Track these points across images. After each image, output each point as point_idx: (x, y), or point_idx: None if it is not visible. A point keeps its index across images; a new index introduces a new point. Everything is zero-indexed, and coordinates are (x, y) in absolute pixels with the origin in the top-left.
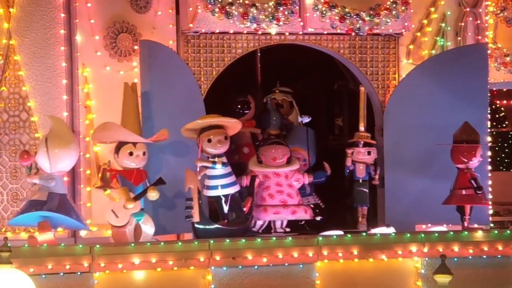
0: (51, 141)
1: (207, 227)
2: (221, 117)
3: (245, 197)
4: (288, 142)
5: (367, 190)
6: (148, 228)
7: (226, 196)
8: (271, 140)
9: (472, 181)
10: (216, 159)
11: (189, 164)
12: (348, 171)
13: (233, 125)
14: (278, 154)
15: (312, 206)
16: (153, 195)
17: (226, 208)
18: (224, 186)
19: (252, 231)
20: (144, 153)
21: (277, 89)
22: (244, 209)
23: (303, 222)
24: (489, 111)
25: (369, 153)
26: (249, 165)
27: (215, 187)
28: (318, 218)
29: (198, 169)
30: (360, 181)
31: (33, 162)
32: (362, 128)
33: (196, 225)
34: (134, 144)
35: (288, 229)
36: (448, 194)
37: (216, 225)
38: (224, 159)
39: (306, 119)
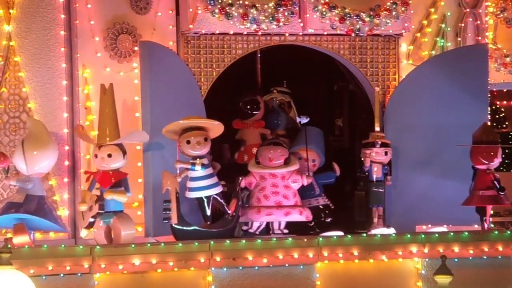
0: (28, 143)
1: (185, 228)
2: (202, 118)
3: (246, 197)
4: (297, 143)
5: (383, 190)
6: (126, 229)
7: (208, 197)
8: (269, 140)
9: (495, 182)
10: (197, 161)
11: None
12: (364, 171)
13: (215, 127)
14: (275, 155)
15: (321, 207)
16: (108, 197)
17: (208, 210)
18: (205, 188)
19: (249, 232)
20: (109, 155)
21: (275, 89)
22: (229, 211)
23: (312, 224)
24: (489, 112)
25: (386, 153)
26: (248, 166)
27: (196, 189)
28: (328, 220)
29: (178, 171)
30: (376, 181)
31: (10, 164)
32: (377, 128)
33: (175, 227)
34: (99, 146)
35: (286, 231)
36: (468, 195)
37: (194, 227)
38: (205, 161)
39: (304, 120)
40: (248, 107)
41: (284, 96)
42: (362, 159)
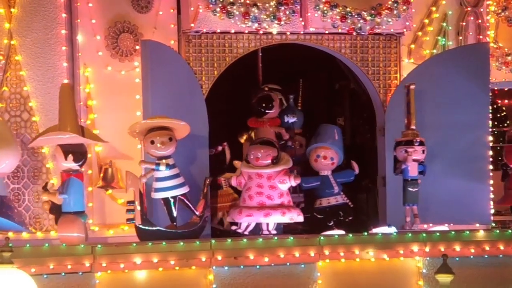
0: None
1: (148, 228)
2: (166, 118)
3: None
4: (316, 141)
5: (418, 189)
6: (63, 231)
7: (174, 198)
8: (258, 139)
9: None
10: (162, 161)
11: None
12: (400, 170)
13: (181, 127)
14: (261, 154)
15: (349, 202)
16: (43, 198)
17: (175, 211)
18: (170, 188)
19: (237, 232)
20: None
21: (266, 86)
22: (197, 212)
23: (331, 223)
24: (490, 111)
25: (423, 151)
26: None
27: (162, 189)
28: (347, 219)
29: (143, 171)
30: (410, 180)
31: None
32: (413, 126)
33: (139, 227)
34: None
35: (274, 232)
36: (503, 194)
37: (158, 228)
38: (171, 161)
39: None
40: (263, 105)
41: (276, 93)
42: (398, 157)
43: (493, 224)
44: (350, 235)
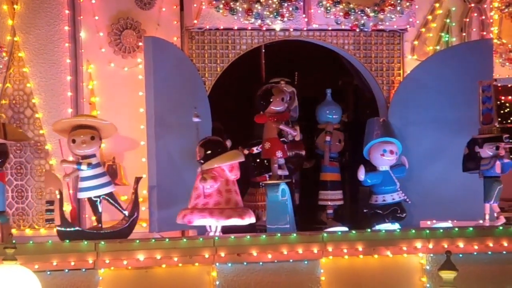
0: None
1: (67, 229)
2: (90, 117)
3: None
4: (379, 135)
5: (502, 186)
6: None
7: (99, 198)
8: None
9: None
10: (83, 160)
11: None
12: (486, 168)
13: (108, 127)
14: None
15: (407, 198)
16: None
17: (99, 211)
18: (93, 188)
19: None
20: None
21: (282, 80)
22: (125, 211)
23: (388, 220)
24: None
25: (511, 148)
26: None
27: (85, 189)
28: (403, 215)
29: (65, 171)
30: (496, 177)
31: None
32: (497, 123)
33: (58, 228)
34: None
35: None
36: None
37: (77, 228)
38: (94, 160)
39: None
40: (262, 99)
41: (289, 87)
42: (482, 154)
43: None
44: (353, 231)
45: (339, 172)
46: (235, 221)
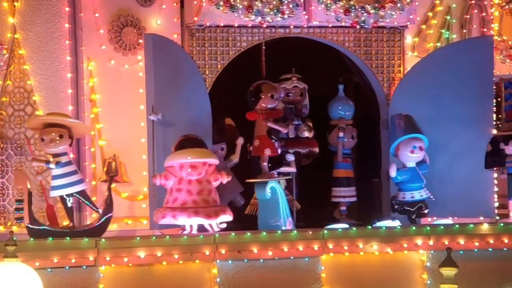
0: None
1: (36, 227)
2: (59, 115)
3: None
4: (407, 131)
5: None
6: None
7: (70, 196)
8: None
9: None
10: (53, 159)
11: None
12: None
13: (79, 126)
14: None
15: (431, 195)
16: None
17: (71, 209)
18: (64, 186)
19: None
20: None
21: (294, 76)
22: (98, 209)
23: (414, 216)
24: (494, 104)
25: None
26: None
27: (57, 187)
28: (426, 211)
29: (36, 169)
30: None
31: None
32: None
33: (27, 226)
34: None
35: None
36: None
37: (45, 227)
38: (64, 158)
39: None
40: (250, 95)
41: (301, 83)
42: (509, 152)
43: (497, 217)
44: (354, 228)
45: (352, 168)
46: (202, 220)
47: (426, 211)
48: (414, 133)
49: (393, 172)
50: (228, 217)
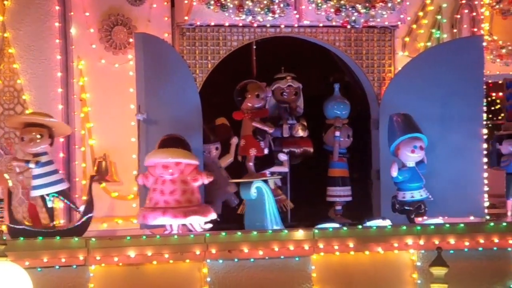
0: None
1: (16, 227)
2: (39, 115)
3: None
4: (407, 131)
5: None
6: None
7: (50, 196)
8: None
9: None
10: (33, 159)
11: None
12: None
13: (60, 125)
14: None
15: (429, 195)
16: None
17: (51, 209)
18: (44, 186)
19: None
20: None
21: (288, 75)
22: (79, 209)
23: (413, 216)
24: (484, 104)
25: None
26: None
27: (37, 187)
28: (424, 211)
29: (17, 169)
30: None
31: None
32: None
33: (9, 225)
34: None
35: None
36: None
37: (23, 226)
38: (44, 158)
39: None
40: (237, 94)
41: (296, 82)
42: (505, 151)
43: (488, 217)
44: (345, 228)
45: (347, 168)
46: (169, 220)
47: (424, 211)
48: (414, 132)
49: (394, 172)
50: (200, 218)
